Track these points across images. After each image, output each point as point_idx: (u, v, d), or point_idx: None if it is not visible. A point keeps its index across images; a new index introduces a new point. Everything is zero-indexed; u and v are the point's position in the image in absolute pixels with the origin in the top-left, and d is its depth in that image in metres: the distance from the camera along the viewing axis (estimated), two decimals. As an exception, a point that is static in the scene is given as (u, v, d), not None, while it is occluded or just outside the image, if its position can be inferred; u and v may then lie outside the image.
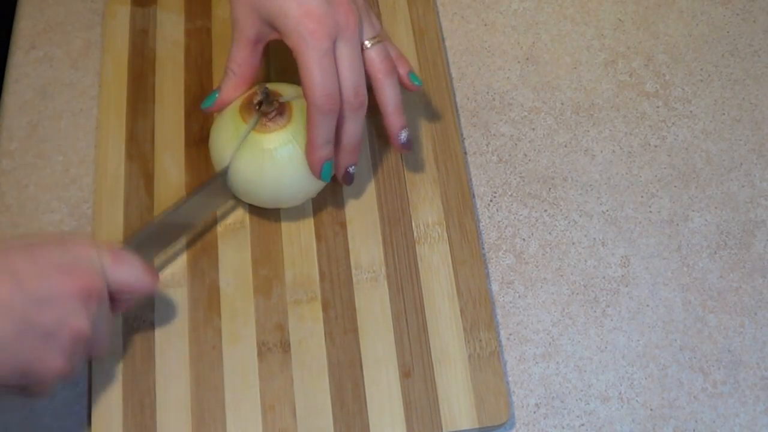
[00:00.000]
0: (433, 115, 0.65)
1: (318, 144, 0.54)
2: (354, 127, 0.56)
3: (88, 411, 0.56)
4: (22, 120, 0.66)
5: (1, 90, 0.68)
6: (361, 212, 0.61)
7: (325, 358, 0.57)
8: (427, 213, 0.61)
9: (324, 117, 0.53)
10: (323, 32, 0.53)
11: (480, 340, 0.57)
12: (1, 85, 0.68)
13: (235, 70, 0.58)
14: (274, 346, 0.57)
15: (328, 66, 0.53)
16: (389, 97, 0.57)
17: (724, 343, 0.58)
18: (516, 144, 0.65)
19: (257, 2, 0.54)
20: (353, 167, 0.58)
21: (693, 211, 0.63)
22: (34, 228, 0.62)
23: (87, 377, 0.57)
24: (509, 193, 0.63)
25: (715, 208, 0.63)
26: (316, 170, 0.56)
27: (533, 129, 0.66)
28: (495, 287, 0.60)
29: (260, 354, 0.57)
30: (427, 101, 0.65)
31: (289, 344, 0.57)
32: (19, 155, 0.65)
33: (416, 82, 0.60)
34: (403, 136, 0.59)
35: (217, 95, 0.58)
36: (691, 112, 0.66)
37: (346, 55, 0.54)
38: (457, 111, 0.66)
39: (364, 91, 0.55)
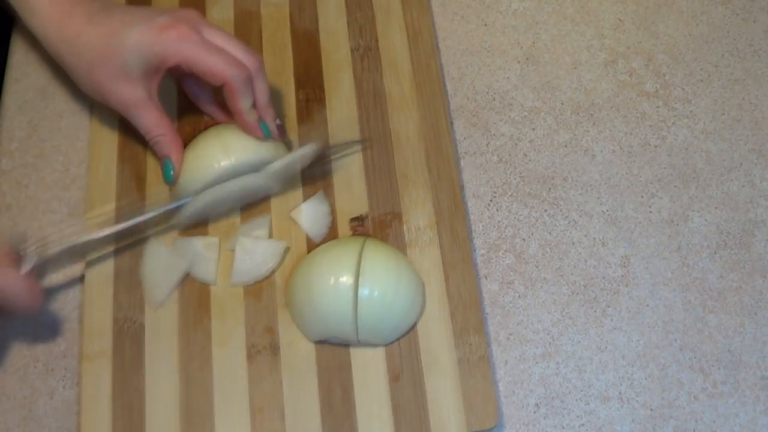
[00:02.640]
0: (426, 118, 0.64)
1: (246, 110, 0.58)
2: (262, 85, 0.59)
3: (78, 411, 0.56)
4: (22, 120, 0.66)
5: (1, 90, 0.68)
6: (353, 215, 0.61)
7: (314, 361, 0.57)
8: (419, 216, 0.61)
9: (244, 84, 0.57)
10: (187, 29, 0.57)
11: (470, 345, 0.57)
12: (1, 85, 0.68)
13: (162, 133, 0.59)
14: (264, 349, 0.57)
15: (213, 48, 0.57)
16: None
17: (724, 343, 0.58)
18: (516, 144, 0.65)
19: (122, 65, 0.57)
20: (278, 120, 0.61)
21: (693, 211, 0.63)
22: (35, 228, 0.62)
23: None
24: (509, 193, 0.63)
25: (715, 208, 0.63)
26: (257, 132, 0.59)
27: (533, 129, 0.66)
28: (495, 287, 0.60)
29: (250, 356, 0.57)
30: (420, 104, 0.65)
31: (279, 347, 0.57)
32: (19, 155, 0.65)
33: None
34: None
35: (170, 166, 0.60)
36: (691, 112, 0.66)
37: (217, 35, 0.58)
38: (450, 114, 0.66)
39: (253, 51, 0.59)
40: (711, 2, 0.71)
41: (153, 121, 0.59)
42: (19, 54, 0.69)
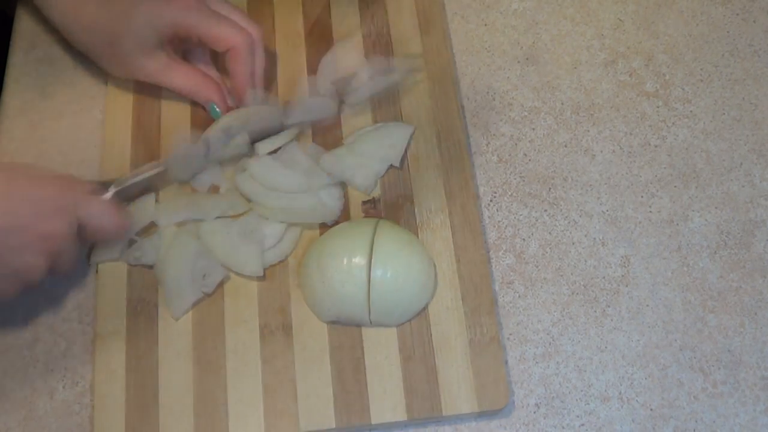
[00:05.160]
0: (437, 103, 0.65)
1: (246, 74, 0.61)
2: (262, 54, 0.62)
3: (91, 393, 0.56)
4: (22, 120, 0.66)
5: (1, 90, 0.68)
6: (365, 198, 0.62)
7: (327, 341, 0.57)
8: (430, 199, 0.61)
9: (248, 49, 0.61)
10: (192, 0, 0.60)
11: (481, 326, 0.57)
12: (1, 85, 0.68)
13: (195, 83, 0.63)
14: (277, 329, 0.57)
15: (219, 16, 0.60)
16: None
17: (724, 343, 0.58)
18: (516, 144, 0.65)
19: (137, 40, 0.60)
20: (264, 93, 0.64)
21: (693, 211, 0.63)
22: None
23: (91, 370, 0.58)
24: (509, 193, 0.63)
25: (715, 208, 0.63)
26: (247, 100, 0.62)
27: (533, 129, 0.66)
28: (495, 287, 0.60)
29: (262, 336, 0.57)
30: (431, 88, 0.65)
31: (291, 327, 0.57)
32: (19, 155, 0.65)
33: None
34: None
35: (215, 106, 0.63)
36: (691, 112, 0.66)
37: (221, 5, 0.62)
38: (460, 100, 0.66)
39: (255, 21, 0.63)
40: (711, 2, 0.71)
41: (182, 77, 0.62)
42: (19, 54, 0.69)
